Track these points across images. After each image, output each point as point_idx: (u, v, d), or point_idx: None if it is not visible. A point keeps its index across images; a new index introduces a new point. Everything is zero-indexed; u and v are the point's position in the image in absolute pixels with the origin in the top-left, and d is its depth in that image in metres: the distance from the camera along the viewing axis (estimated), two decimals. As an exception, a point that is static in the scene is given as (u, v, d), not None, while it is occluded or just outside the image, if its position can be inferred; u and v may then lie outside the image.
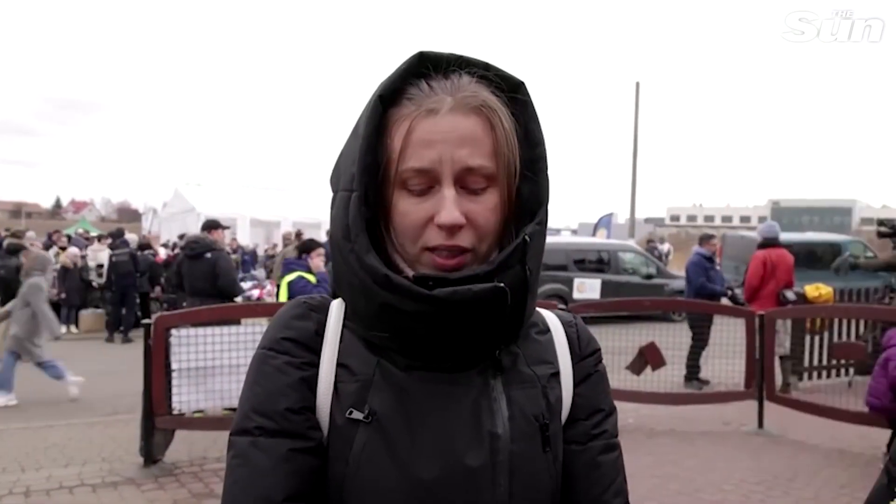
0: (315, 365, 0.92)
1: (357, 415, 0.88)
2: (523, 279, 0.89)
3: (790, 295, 8.01)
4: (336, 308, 0.97)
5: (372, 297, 0.87)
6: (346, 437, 0.88)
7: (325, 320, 0.95)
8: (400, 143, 0.86)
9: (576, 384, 1.01)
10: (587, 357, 1.04)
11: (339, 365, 0.92)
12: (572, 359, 1.02)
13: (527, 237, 0.90)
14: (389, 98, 0.89)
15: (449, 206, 0.85)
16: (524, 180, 0.93)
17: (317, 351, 0.93)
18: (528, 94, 0.93)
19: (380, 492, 0.86)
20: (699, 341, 8.31)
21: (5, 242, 13.04)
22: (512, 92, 0.92)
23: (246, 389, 0.92)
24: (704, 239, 9.41)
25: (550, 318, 1.05)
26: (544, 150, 0.94)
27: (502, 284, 0.86)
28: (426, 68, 0.90)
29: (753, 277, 8.22)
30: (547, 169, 0.94)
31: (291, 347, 0.92)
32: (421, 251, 0.88)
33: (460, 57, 0.91)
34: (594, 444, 0.99)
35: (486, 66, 0.91)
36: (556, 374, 0.99)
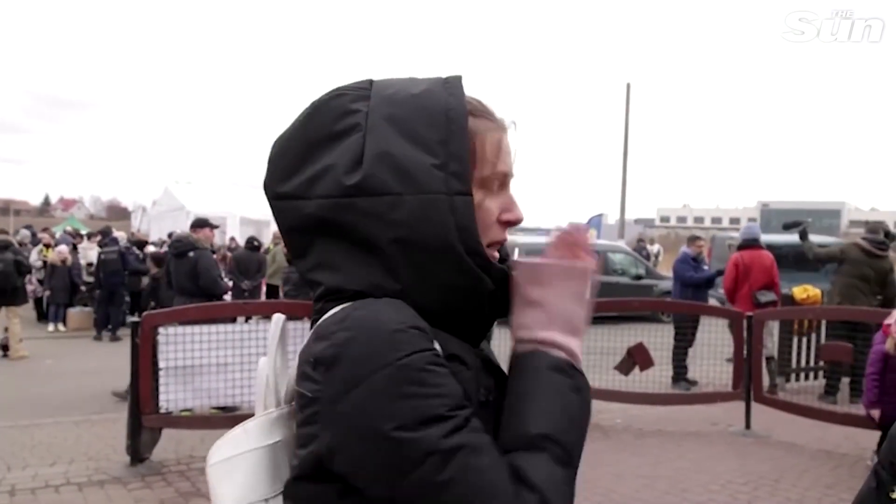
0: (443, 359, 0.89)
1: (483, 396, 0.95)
2: None
3: (762, 297, 7.97)
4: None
5: (480, 293, 0.96)
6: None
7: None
8: (494, 150, 1.00)
9: None
10: None
11: (448, 356, 0.90)
12: None
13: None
14: None
15: (518, 205, 1.03)
16: None
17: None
18: None
19: None
20: (682, 340, 8.32)
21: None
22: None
23: (412, 400, 0.83)
24: (692, 240, 9.61)
25: None
26: None
27: None
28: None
29: (727, 280, 8.29)
30: None
31: (433, 348, 0.88)
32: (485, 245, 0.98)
33: None
34: None
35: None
36: None
